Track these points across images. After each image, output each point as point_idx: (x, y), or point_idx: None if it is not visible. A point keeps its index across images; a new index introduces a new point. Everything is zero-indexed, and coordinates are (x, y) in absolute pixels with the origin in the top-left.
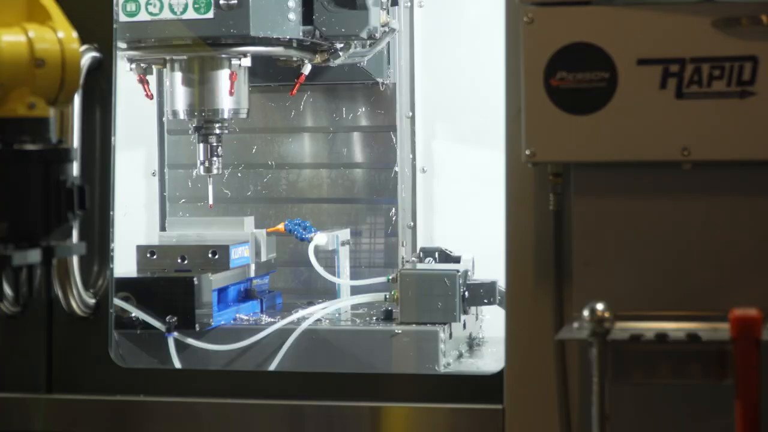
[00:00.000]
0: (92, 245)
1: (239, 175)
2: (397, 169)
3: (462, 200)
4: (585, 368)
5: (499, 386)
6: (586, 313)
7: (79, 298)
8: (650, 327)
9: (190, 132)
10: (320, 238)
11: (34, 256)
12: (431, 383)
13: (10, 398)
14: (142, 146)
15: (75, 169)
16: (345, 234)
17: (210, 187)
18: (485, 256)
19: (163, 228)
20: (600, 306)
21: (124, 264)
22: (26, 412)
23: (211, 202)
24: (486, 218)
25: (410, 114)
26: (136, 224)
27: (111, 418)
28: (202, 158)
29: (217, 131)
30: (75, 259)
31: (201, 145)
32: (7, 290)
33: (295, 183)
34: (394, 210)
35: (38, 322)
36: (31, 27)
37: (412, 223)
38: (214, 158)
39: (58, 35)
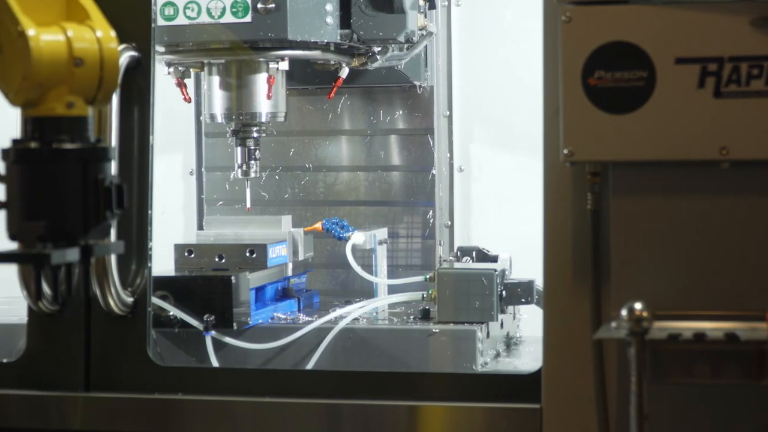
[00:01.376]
0: (130, 244)
1: (277, 177)
2: (434, 171)
3: (499, 199)
4: (623, 368)
5: (537, 385)
6: (624, 312)
7: (117, 297)
8: (688, 326)
9: (227, 135)
10: (358, 237)
11: (73, 254)
12: (468, 382)
13: (48, 396)
14: (180, 149)
15: (113, 168)
16: (382, 233)
17: (248, 190)
18: (522, 255)
19: (200, 227)
20: (638, 305)
21: (162, 263)
22: (64, 411)
23: (249, 205)
24: (523, 217)
25: (447, 113)
26: (173, 226)
27: (148, 416)
28: (239, 162)
29: (255, 135)
30: (113, 258)
31: (239, 149)
32: (46, 289)
33: (332, 186)
34: (431, 212)
35: (77, 320)
36: (70, 26)
37: (449, 223)
38: (252, 161)
39: (96, 34)
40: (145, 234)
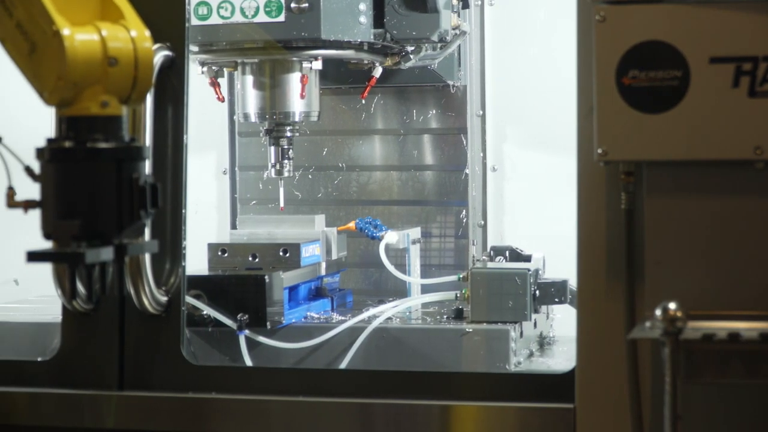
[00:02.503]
0: (164, 243)
1: (310, 176)
2: (467, 170)
3: (532, 199)
4: (657, 367)
5: (571, 385)
6: (658, 312)
7: (151, 296)
8: (722, 326)
9: (261, 135)
10: (391, 237)
11: (107, 253)
12: (502, 382)
13: (82, 395)
14: (213, 148)
15: (147, 167)
16: (416, 232)
17: (281, 190)
18: (556, 254)
19: (234, 226)
20: (672, 305)
21: (195, 262)
22: (98, 409)
23: (282, 204)
24: (557, 217)
25: (480, 113)
26: (207, 225)
27: (182, 415)
28: (273, 161)
29: (288, 134)
30: (147, 257)
31: (272, 148)
32: (80, 288)
33: (365, 185)
34: (464, 212)
35: (111, 319)
36: (104, 26)
37: (482, 222)
38: (285, 161)
39: (130, 34)
40: (179, 233)
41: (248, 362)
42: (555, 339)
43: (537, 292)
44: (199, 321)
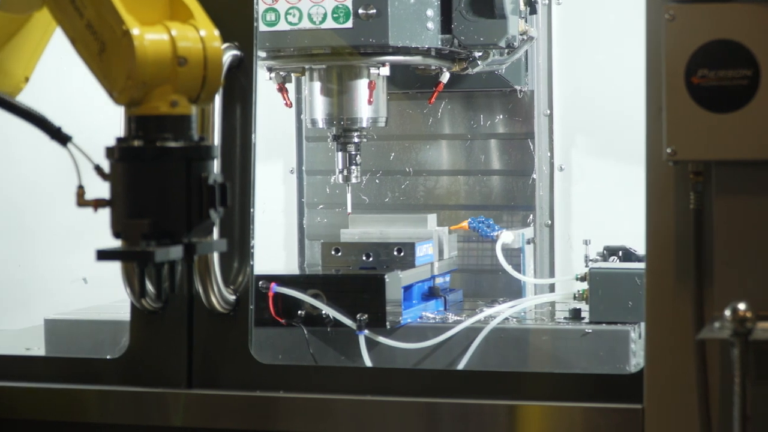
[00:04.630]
0: (232, 242)
1: (377, 181)
2: (534, 175)
3: (600, 200)
4: (726, 368)
5: (639, 385)
6: (727, 312)
7: (220, 295)
8: None
9: (329, 141)
10: (507, 236)
11: (177, 252)
12: (569, 382)
13: (150, 393)
14: (280, 154)
15: (216, 166)
16: (529, 232)
17: (348, 195)
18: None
19: (301, 228)
20: (742, 305)
21: (262, 261)
22: (166, 407)
23: (349, 209)
24: (624, 217)
25: (548, 111)
26: (274, 227)
27: (249, 413)
28: (340, 167)
29: (356, 140)
30: (215, 256)
31: (339, 154)
32: (149, 286)
33: (432, 190)
34: (531, 216)
35: (179, 318)
36: (174, 25)
37: (549, 222)
38: (353, 166)
39: (200, 33)
40: (247, 232)
41: (368, 362)
42: None
43: None
44: (318, 321)
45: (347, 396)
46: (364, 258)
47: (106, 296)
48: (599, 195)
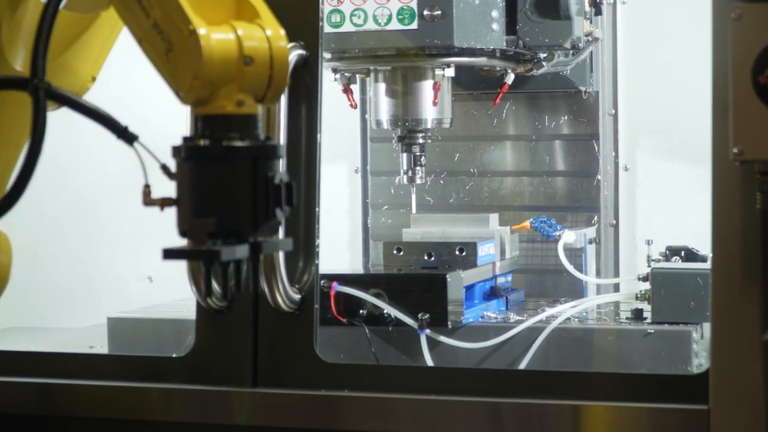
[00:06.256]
0: (298, 241)
1: (441, 182)
2: (599, 176)
3: (665, 200)
4: None
5: (705, 386)
6: None
7: (285, 294)
8: None
9: (393, 142)
10: (569, 236)
11: (242, 251)
12: (634, 382)
13: (215, 391)
14: (345, 155)
15: (282, 165)
16: (591, 232)
17: (413, 196)
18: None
19: (366, 228)
20: None
21: (327, 260)
22: (231, 406)
23: (414, 210)
24: (688, 217)
25: (612, 111)
26: (339, 227)
27: (314, 412)
28: (405, 168)
29: (421, 141)
30: (281, 255)
31: (404, 155)
32: (215, 286)
33: (497, 191)
34: (596, 217)
35: (244, 317)
36: (240, 25)
37: (614, 222)
38: (418, 168)
39: (266, 33)
40: (312, 231)
41: (429, 362)
42: None
43: None
44: (379, 320)
45: (411, 395)
46: (425, 257)
47: (170, 295)
48: (664, 195)
